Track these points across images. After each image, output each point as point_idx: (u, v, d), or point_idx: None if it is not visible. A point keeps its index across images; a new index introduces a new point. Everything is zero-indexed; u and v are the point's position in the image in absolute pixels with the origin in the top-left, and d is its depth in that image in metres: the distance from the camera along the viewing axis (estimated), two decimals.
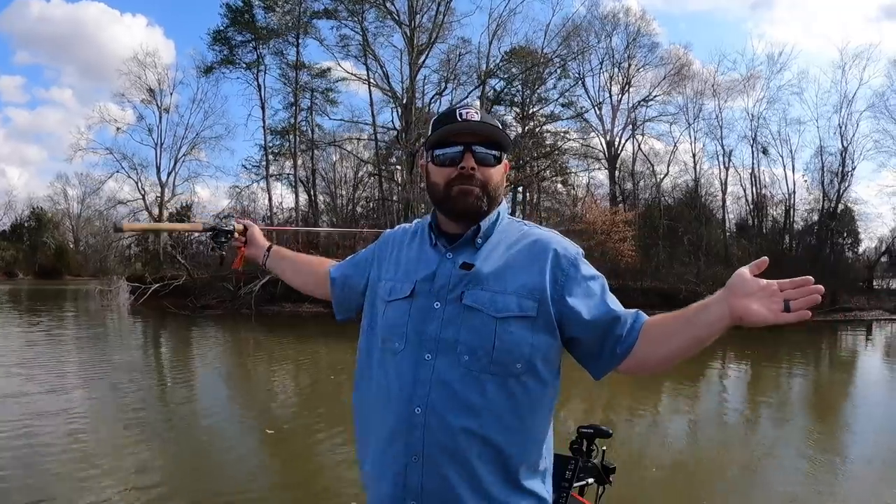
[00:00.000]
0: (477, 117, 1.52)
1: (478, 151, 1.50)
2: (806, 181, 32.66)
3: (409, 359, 1.45)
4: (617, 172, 34.84)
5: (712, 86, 33.68)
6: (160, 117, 35.63)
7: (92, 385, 10.04)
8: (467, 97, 32.50)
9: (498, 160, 1.54)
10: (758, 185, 34.17)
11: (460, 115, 1.52)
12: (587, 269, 1.52)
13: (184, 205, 38.05)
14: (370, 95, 33.15)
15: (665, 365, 1.46)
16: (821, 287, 1.29)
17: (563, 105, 35.79)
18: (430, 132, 1.58)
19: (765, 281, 1.34)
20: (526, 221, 1.65)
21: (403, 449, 1.43)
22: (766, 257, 1.37)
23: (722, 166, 34.38)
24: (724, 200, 34.66)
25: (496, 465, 1.42)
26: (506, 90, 35.06)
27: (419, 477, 1.41)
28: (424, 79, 33.04)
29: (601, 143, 35.10)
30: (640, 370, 1.48)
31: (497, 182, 1.54)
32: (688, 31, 66.46)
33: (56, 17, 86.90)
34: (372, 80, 32.79)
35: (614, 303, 1.49)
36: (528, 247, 1.52)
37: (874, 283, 32.34)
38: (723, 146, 34.06)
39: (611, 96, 35.06)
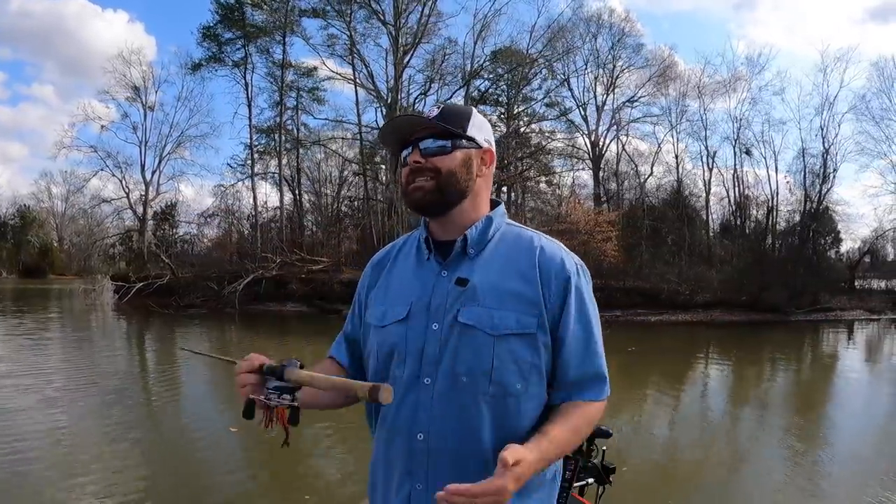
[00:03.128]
0: (432, 114, 1.47)
1: (423, 145, 1.45)
2: (788, 182, 32.94)
3: (408, 384, 1.40)
4: (601, 173, 34.99)
5: (696, 87, 33.91)
6: (145, 115, 35.43)
7: (74, 387, 9.93)
8: (452, 97, 32.56)
9: (451, 148, 1.46)
10: (741, 186, 34.47)
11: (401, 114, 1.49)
12: (589, 294, 1.47)
13: (168, 203, 37.84)
14: (356, 95, 33.19)
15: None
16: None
17: (547, 105, 35.93)
18: None
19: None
20: (528, 227, 1.57)
21: (407, 478, 1.39)
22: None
23: (705, 167, 34.65)
24: (707, 201, 34.92)
25: None
26: (491, 90, 35.15)
27: None
28: (409, 78, 33.13)
29: (586, 144, 35.28)
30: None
31: (451, 167, 1.45)
32: (671, 31, 66.74)
33: (36, 12, 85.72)
34: (357, 80, 32.82)
35: (598, 354, 1.45)
36: (529, 257, 1.45)
37: (856, 284, 32.55)
38: (706, 147, 34.31)
39: (595, 97, 35.23)
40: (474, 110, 1.55)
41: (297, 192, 36.14)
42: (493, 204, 1.56)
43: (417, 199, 1.45)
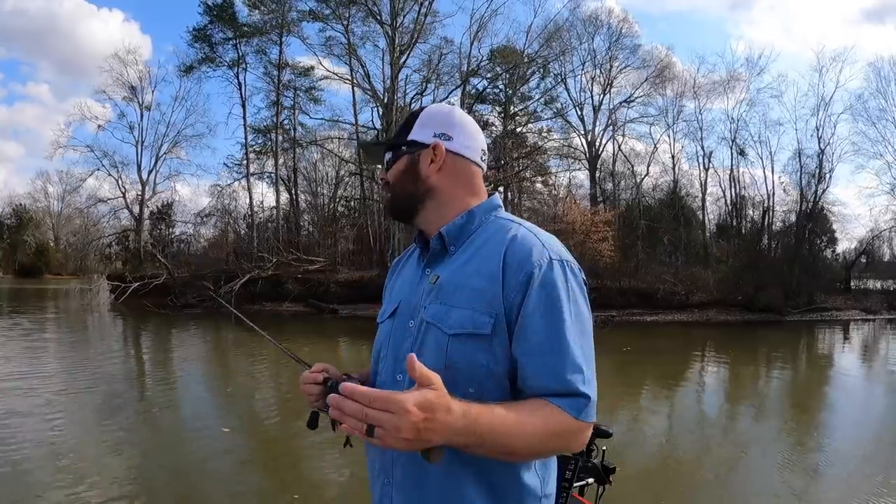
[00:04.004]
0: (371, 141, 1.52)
1: (385, 162, 1.52)
2: (783, 183, 33.02)
3: (386, 382, 1.37)
4: (597, 173, 35.06)
5: (693, 87, 33.97)
6: (141, 115, 35.41)
7: (70, 388, 9.89)
8: (448, 97, 32.58)
9: (395, 157, 1.48)
10: (737, 187, 34.56)
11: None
12: (569, 293, 1.26)
13: (164, 203, 37.80)
14: (353, 95, 33.24)
15: None
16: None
17: (544, 104, 35.97)
18: None
19: None
20: (523, 221, 1.41)
21: (381, 473, 1.37)
22: None
23: (702, 167, 34.74)
24: (703, 201, 34.99)
25: (477, 487, 1.26)
26: (488, 90, 35.17)
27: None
28: (406, 78, 33.14)
29: (582, 144, 35.37)
30: None
31: (395, 177, 1.47)
32: (667, 31, 66.84)
33: (31, 11, 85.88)
34: (354, 80, 32.85)
35: (570, 365, 1.21)
36: (498, 250, 1.31)
37: (852, 284, 32.64)
38: (703, 147, 34.38)
39: (592, 97, 35.30)
40: (432, 106, 1.52)
41: (293, 191, 36.20)
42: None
43: (386, 210, 1.56)
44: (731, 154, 34.00)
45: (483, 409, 1.10)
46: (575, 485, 2.51)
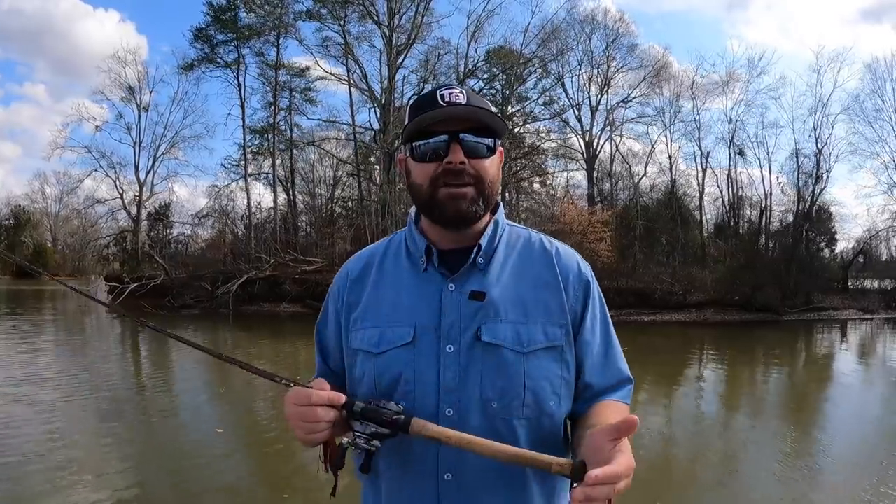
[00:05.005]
0: (463, 99, 1.23)
1: (466, 141, 1.23)
2: (781, 183, 33.04)
3: (428, 417, 1.19)
4: (595, 173, 35.05)
5: (690, 87, 33.99)
6: (139, 115, 35.38)
7: (69, 389, 9.91)
8: None
9: (492, 150, 1.27)
10: (734, 187, 34.57)
11: (442, 96, 1.23)
12: (602, 299, 1.39)
13: (162, 204, 37.78)
14: (350, 95, 33.21)
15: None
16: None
17: (542, 104, 35.99)
18: (406, 120, 1.29)
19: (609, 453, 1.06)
20: (529, 228, 1.42)
21: (432, 470, 1.23)
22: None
23: (699, 167, 34.73)
24: (701, 201, 34.98)
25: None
26: (485, 90, 35.12)
27: None
28: (404, 79, 33.12)
29: (579, 144, 35.37)
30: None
31: (493, 176, 1.28)
32: (663, 30, 66.75)
33: (27, 11, 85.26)
34: (351, 81, 32.84)
35: (621, 358, 1.38)
36: (546, 262, 1.33)
37: (849, 284, 32.66)
38: (700, 148, 34.38)
39: (589, 97, 35.32)
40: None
41: (290, 192, 36.19)
42: None
43: (458, 209, 1.25)
44: (729, 154, 34.04)
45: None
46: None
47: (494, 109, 1.28)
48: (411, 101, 1.34)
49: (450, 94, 1.23)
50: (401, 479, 1.26)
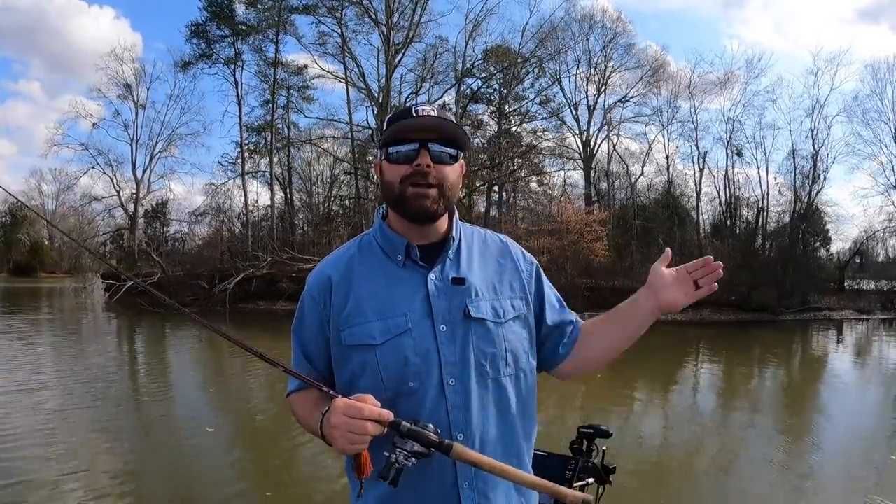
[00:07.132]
0: (433, 113, 1.44)
1: (433, 148, 1.44)
2: (778, 183, 33.07)
3: (433, 391, 1.38)
4: (592, 172, 35.07)
5: (688, 87, 33.99)
6: (136, 113, 35.30)
7: (66, 388, 9.93)
8: (443, 96, 32.63)
9: (454, 158, 1.49)
10: (731, 187, 34.60)
11: (416, 111, 1.44)
12: (542, 271, 1.66)
13: (159, 201, 37.68)
14: (347, 93, 33.18)
15: (600, 363, 1.66)
16: (720, 263, 1.46)
17: (539, 103, 35.99)
18: (384, 128, 1.50)
19: (675, 270, 1.51)
20: (473, 226, 1.66)
21: (452, 482, 1.38)
22: (668, 250, 1.53)
23: (696, 167, 34.75)
24: (698, 201, 34.99)
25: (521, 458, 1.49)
26: (482, 89, 35.15)
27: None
28: (401, 77, 33.14)
29: (577, 143, 35.37)
30: (577, 370, 1.64)
31: (453, 181, 1.48)
32: (659, 29, 66.75)
33: (21, 7, 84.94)
34: (349, 79, 32.80)
35: (565, 305, 1.67)
36: (497, 249, 1.60)
37: (845, 284, 32.73)
38: (698, 147, 34.40)
39: (587, 97, 35.34)
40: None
41: (288, 190, 36.20)
42: None
43: (422, 206, 1.44)
44: (727, 154, 34.05)
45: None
46: (575, 485, 2.50)
47: (458, 125, 1.50)
48: (389, 114, 1.57)
49: (422, 109, 1.45)
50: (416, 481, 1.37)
